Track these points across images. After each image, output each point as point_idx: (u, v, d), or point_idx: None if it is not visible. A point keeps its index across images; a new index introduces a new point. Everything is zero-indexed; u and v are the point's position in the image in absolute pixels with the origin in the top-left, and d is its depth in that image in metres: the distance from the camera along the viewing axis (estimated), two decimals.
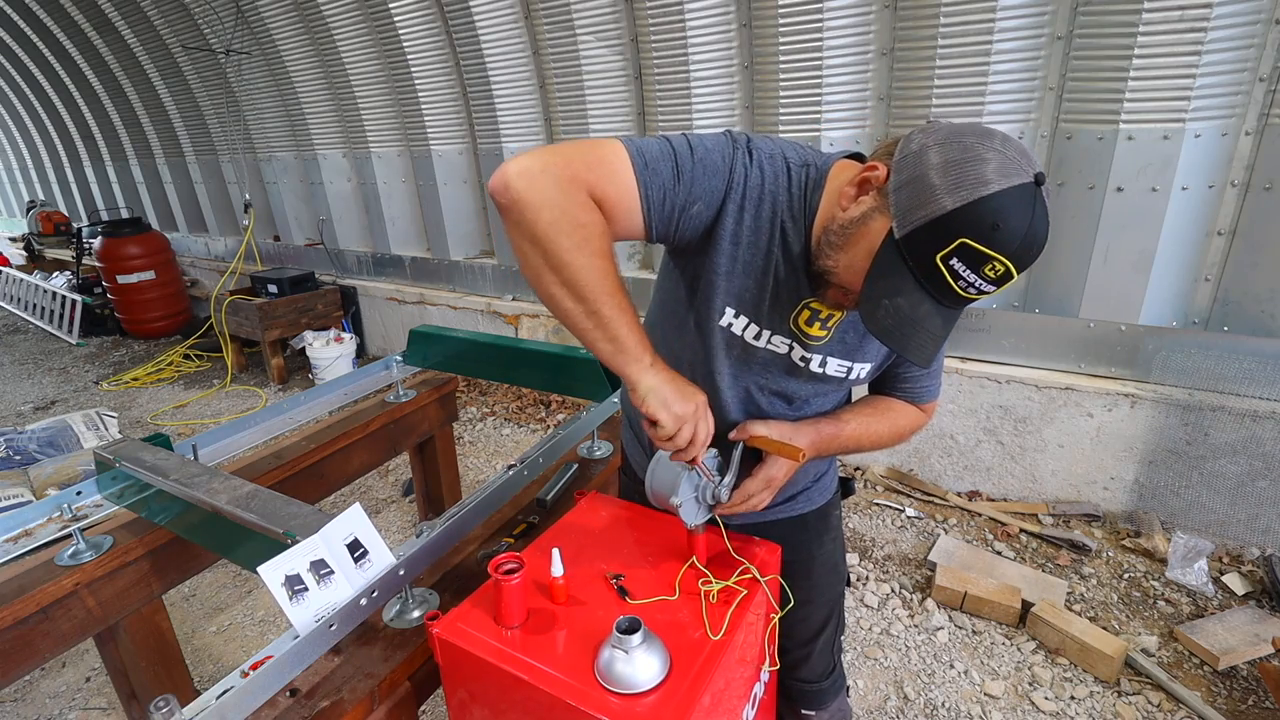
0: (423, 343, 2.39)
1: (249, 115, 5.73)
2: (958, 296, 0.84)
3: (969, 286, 0.82)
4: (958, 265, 0.80)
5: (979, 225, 0.78)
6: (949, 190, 0.79)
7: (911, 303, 0.85)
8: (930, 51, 2.85)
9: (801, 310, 1.04)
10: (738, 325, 1.05)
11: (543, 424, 4.23)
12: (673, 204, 0.92)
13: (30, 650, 1.35)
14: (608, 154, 0.89)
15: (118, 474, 1.57)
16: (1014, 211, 0.77)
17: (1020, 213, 0.78)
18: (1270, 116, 2.44)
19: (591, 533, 1.23)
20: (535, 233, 0.86)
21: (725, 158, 0.95)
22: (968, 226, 0.78)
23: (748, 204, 0.96)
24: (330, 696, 1.05)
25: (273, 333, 5.04)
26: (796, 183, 0.98)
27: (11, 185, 11.66)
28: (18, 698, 2.33)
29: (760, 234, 0.98)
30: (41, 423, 3.92)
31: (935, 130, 0.84)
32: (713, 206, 0.96)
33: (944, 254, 0.80)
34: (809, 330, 1.05)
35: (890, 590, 2.63)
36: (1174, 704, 2.07)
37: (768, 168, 0.96)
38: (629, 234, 0.93)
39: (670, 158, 0.91)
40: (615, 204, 0.89)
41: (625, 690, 0.87)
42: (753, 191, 0.96)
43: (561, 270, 0.87)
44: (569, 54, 3.82)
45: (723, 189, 0.95)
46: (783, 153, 0.98)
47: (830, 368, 1.09)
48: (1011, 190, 0.77)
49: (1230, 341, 2.63)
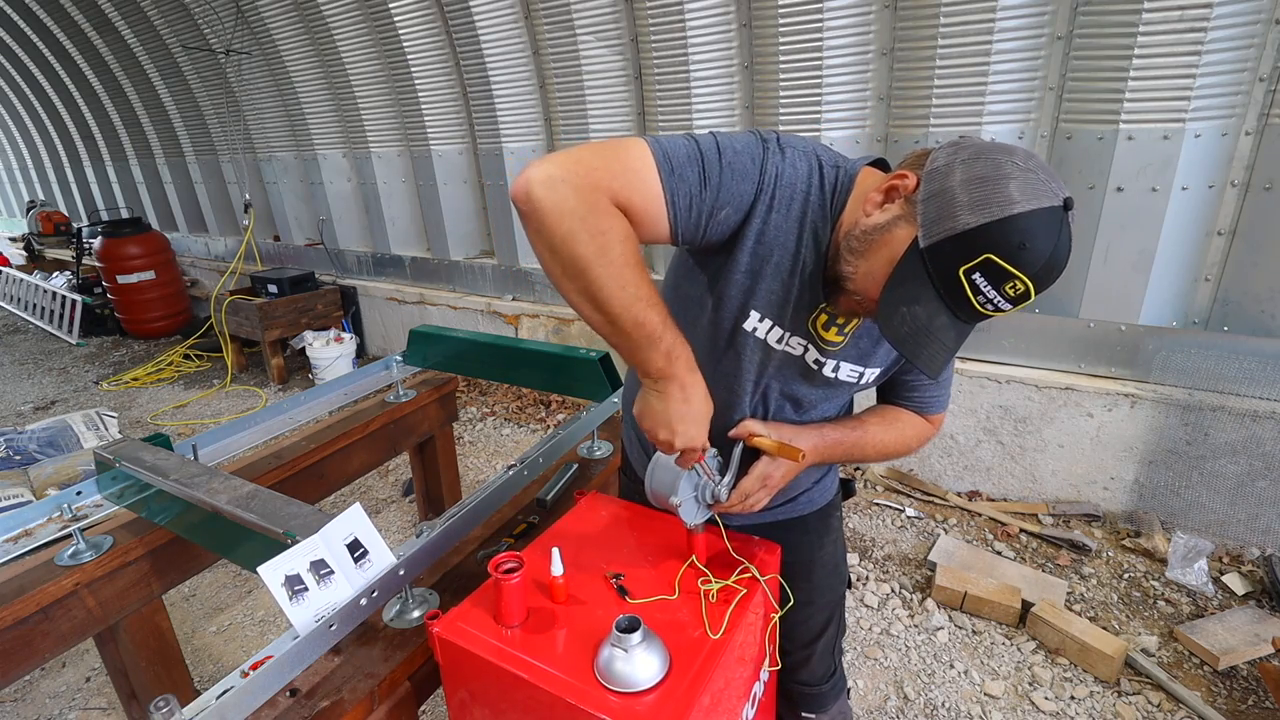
0: (423, 343, 2.39)
1: (249, 115, 5.73)
2: (974, 311, 0.84)
3: (987, 303, 0.82)
4: (979, 280, 0.81)
5: (1006, 243, 0.78)
6: (979, 206, 0.79)
7: (929, 312, 0.85)
8: (930, 51, 2.85)
9: (819, 314, 1.03)
10: (762, 329, 1.04)
11: (543, 424, 4.23)
12: (699, 210, 0.91)
13: (30, 650, 1.35)
14: (633, 159, 0.88)
15: (118, 474, 1.57)
16: (1041, 233, 0.78)
17: (1047, 235, 0.78)
18: (1270, 116, 2.44)
19: (591, 533, 1.23)
20: (554, 241, 0.85)
21: (755, 159, 0.93)
22: (995, 243, 0.79)
23: (778, 203, 0.95)
24: (330, 696, 1.05)
25: (273, 333, 5.04)
26: (828, 182, 0.97)
27: (11, 185, 11.66)
28: (18, 698, 2.33)
29: (789, 234, 0.97)
30: (41, 423, 3.92)
31: (966, 145, 0.85)
32: (741, 210, 0.94)
33: (967, 268, 0.81)
34: (826, 335, 1.05)
35: (890, 590, 2.63)
36: (1174, 704, 2.07)
37: (801, 165, 0.95)
38: (655, 239, 0.92)
39: (697, 161, 0.90)
40: (641, 211, 0.88)
41: (625, 689, 0.87)
42: (784, 190, 0.95)
43: (579, 279, 0.87)
44: (569, 54, 3.82)
45: (752, 192, 0.94)
46: (814, 151, 0.98)
47: (843, 373, 1.08)
48: (1041, 212, 0.78)
49: (1230, 341, 2.63)
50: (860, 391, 1.18)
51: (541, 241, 0.86)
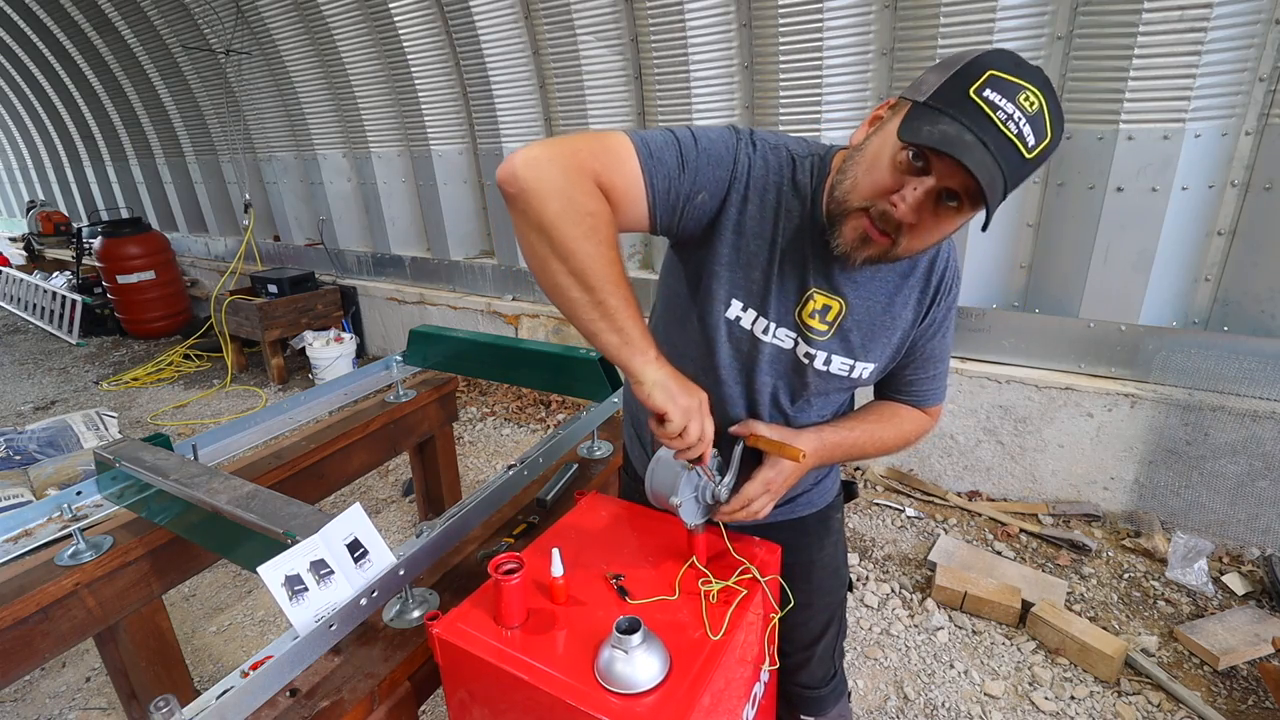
0: (423, 343, 2.39)
1: (249, 115, 5.73)
2: (999, 132, 0.78)
3: (1008, 119, 0.78)
4: (992, 95, 0.79)
5: (1001, 61, 0.80)
6: (956, 59, 0.83)
7: (956, 129, 0.79)
8: (930, 52, 2.85)
9: (806, 302, 1.04)
10: (746, 319, 1.05)
11: (543, 424, 4.23)
12: (677, 193, 0.93)
13: (30, 650, 1.35)
14: (613, 144, 0.90)
15: (118, 474, 1.57)
16: (1025, 61, 0.81)
17: (1030, 64, 0.82)
18: (1270, 116, 2.44)
19: (591, 533, 1.23)
20: (543, 221, 0.86)
21: (729, 148, 0.96)
22: (990, 62, 0.80)
23: (751, 194, 0.98)
24: (330, 696, 1.05)
25: (273, 333, 5.04)
26: (801, 169, 0.99)
27: (11, 185, 11.66)
28: (18, 698, 2.33)
29: (765, 223, 0.99)
30: (41, 423, 3.92)
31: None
32: (717, 196, 0.97)
33: (975, 87, 0.79)
34: (812, 324, 1.05)
35: (890, 590, 2.63)
36: (1174, 704, 2.07)
37: (771, 157, 0.98)
38: (634, 224, 0.94)
39: (674, 147, 0.92)
40: (622, 193, 0.90)
41: (625, 690, 0.87)
42: (756, 181, 0.97)
43: (569, 259, 0.87)
44: (569, 54, 3.82)
45: (727, 178, 0.96)
46: (786, 145, 1.00)
47: (834, 365, 1.08)
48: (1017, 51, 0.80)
49: (1230, 341, 2.63)
50: (859, 388, 1.18)
51: (529, 222, 0.87)
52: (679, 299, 1.11)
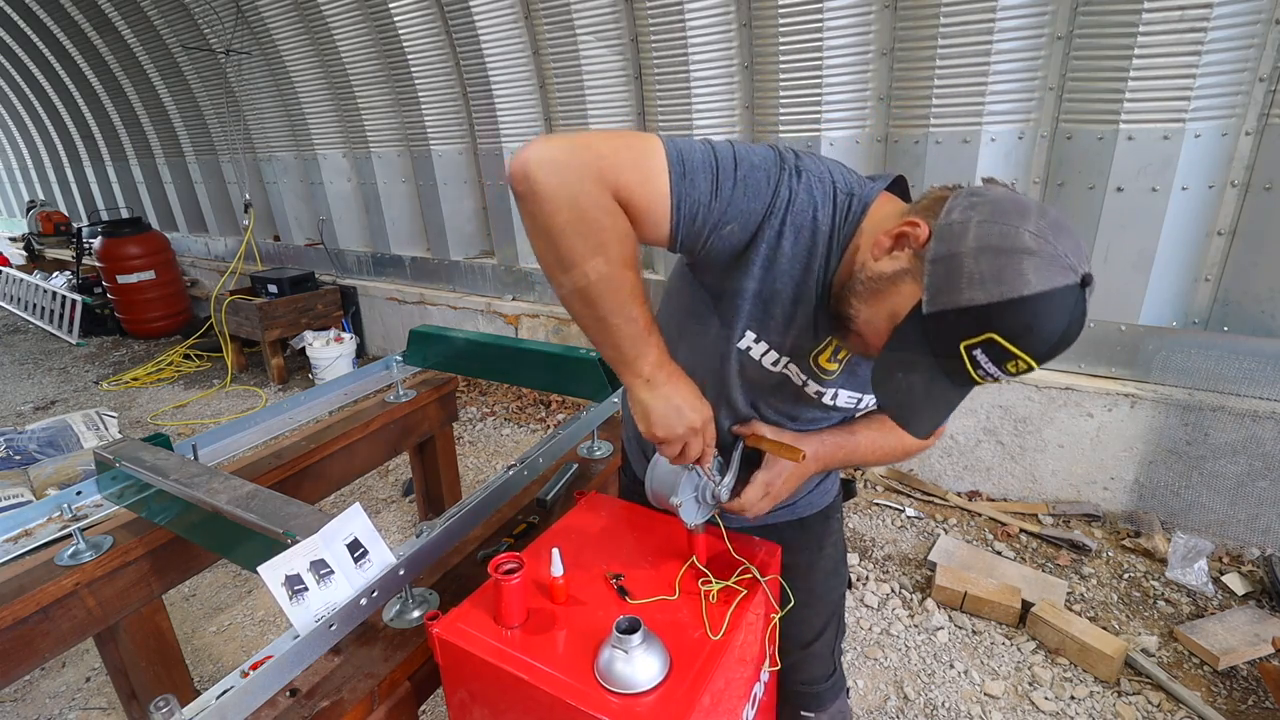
0: (423, 343, 2.39)
1: (249, 115, 5.73)
2: (970, 380, 0.82)
3: (986, 375, 0.80)
4: (980, 356, 0.78)
5: (1013, 325, 0.74)
6: (989, 281, 0.74)
7: (925, 380, 0.83)
8: (930, 51, 2.85)
9: (824, 349, 1.01)
10: (756, 350, 1.02)
11: (543, 424, 4.23)
12: (705, 221, 0.86)
13: (30, 650, 1.35)
14: (643, 155, 0.83)
15: (118, 474, 1.57)
16: (1052, 315, 0.74)
17: (1058, 317, 0.74)
18: (1270, 116, 2.44)
19: (591, 533, 1.23)
20: (550, 230, 0.82)
21: (771, 179, 0.88)
22: (1001, 324, 0.75)
23: (787, 229, 0.90)
24: (330, 696, 1.05)
25: (273, 333, 5.04)
26: (840, 211, 0.92)
27: (11, 185, 11.65)
28: (18, 698, 2.33)
29: (797, 262, 0.92)
30: (41, 423, 3.92)
31: (982, 202, 0.80)
32: (748, 229, 0.89)
33: (969, 343, 0.77)
34: (824, 364, 1.04)
35: (890, 590, 2.63)
36: (1174, 704, 2.07)
37: (816, 192, 0.90)
38: (653, 241, 0.88)
39: (711, 170, 0.85)
40: (643, 211, 0.84)
41: (625, 690, 0.87)
42: (796, 216, 0.89)
43: (572, 272, 0.84)
44: (569, 54, 3.82)
45: (763, 211, 0.88)
46: (831, 176, 0.92)
47: (841, 399, 1.08)
48: (1054, 293, 0.73)
49: (1230, 341, 2.63)
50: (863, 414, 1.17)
51: (536, 226, 0.83)
52: (690, 316, 1.06)
